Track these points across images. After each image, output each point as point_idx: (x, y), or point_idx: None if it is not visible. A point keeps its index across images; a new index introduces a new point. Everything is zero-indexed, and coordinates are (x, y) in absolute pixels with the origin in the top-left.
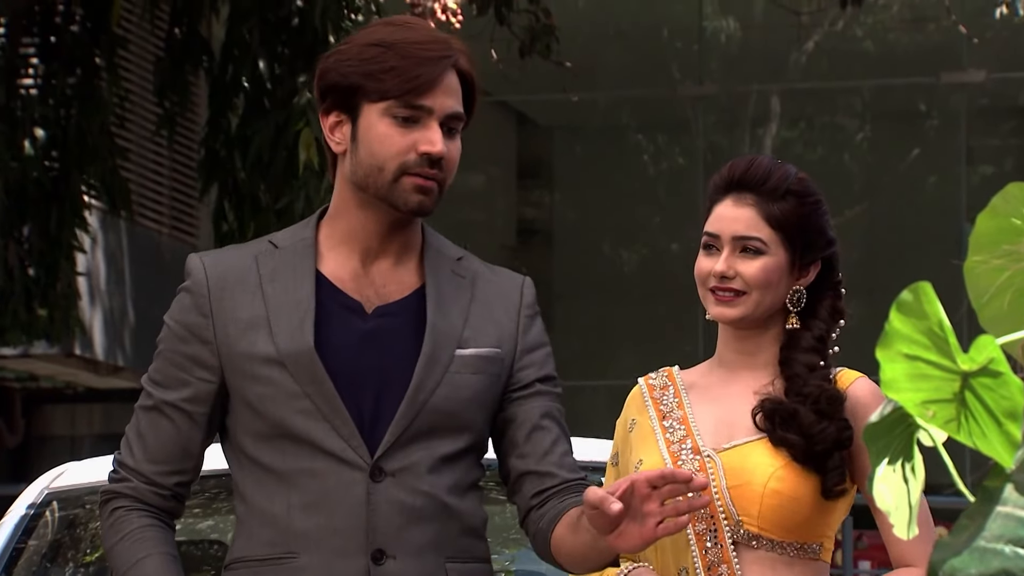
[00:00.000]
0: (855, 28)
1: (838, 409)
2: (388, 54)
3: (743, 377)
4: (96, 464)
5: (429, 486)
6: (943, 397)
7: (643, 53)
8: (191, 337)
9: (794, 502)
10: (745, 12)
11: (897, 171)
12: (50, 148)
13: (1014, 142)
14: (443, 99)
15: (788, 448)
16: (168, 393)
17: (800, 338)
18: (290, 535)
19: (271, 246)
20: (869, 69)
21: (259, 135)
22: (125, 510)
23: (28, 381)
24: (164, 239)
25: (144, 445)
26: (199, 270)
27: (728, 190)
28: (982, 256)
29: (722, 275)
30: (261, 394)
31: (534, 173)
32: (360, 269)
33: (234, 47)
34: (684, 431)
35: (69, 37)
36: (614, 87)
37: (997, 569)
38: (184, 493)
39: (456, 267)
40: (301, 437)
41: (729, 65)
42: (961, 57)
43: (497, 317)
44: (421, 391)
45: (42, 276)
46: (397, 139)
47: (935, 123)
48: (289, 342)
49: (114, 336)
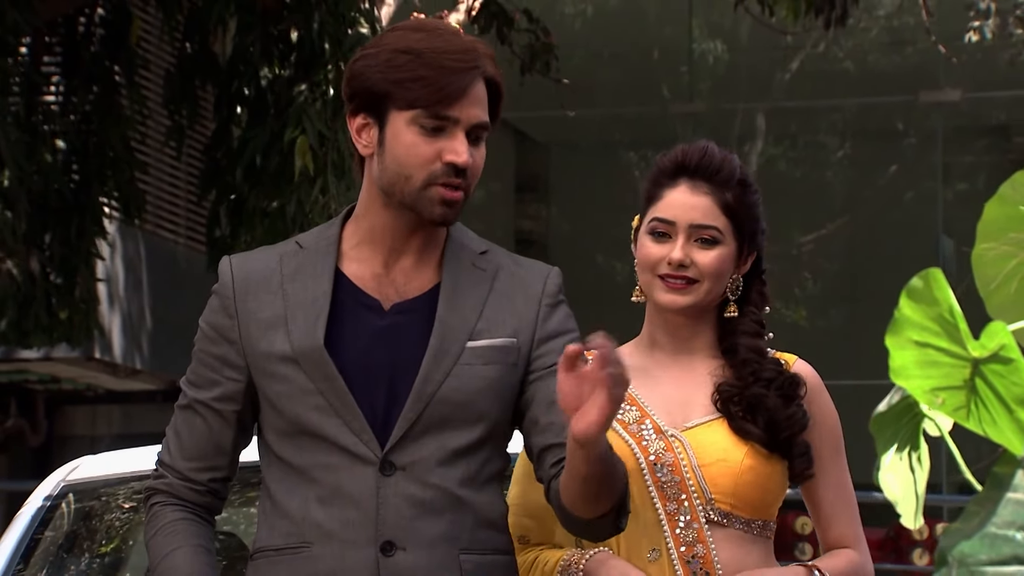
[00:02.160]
0: (836, 50)
1: (799, 392)
2: (417, 63)
3: (681, 360)
4: (111, 458)
5: (439, 479)
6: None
7: (635, 73)
8: (219, 338)
9: (767, 479)
10: (732, 35)
11: (876, 186)
12: (71, 160)
13: (987, 159)
14: (470, 109)
15: (751, 439)
16: (201, 392)
17: (739, 323)
18: (305, 526)
19: (297, 246)
20: (850, 89)
21: (254, 141)
22: (160, 505)
23: (50, 383)
24: (180, 248)
25: (180, 443)
26: (227, 272)
27: (678, 175)
28: (990, 244)
29: (679, 263)
30: (279, 391)
31: (532, 187)
32: (382, 268)
33: (240, 61)
34: (637, 412)
35: (89, 54)
36: (608, 105)
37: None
38: (220, 489)
39: (478, 260)
40: (316, 433)
41: (717, 85)
42: (938, 77)
43: (517, 308)
44: (428, 383)
45: (63, 282)
46: (424, 148)
47: (912, 141)
48: (302, 340)
49: (132, 340)
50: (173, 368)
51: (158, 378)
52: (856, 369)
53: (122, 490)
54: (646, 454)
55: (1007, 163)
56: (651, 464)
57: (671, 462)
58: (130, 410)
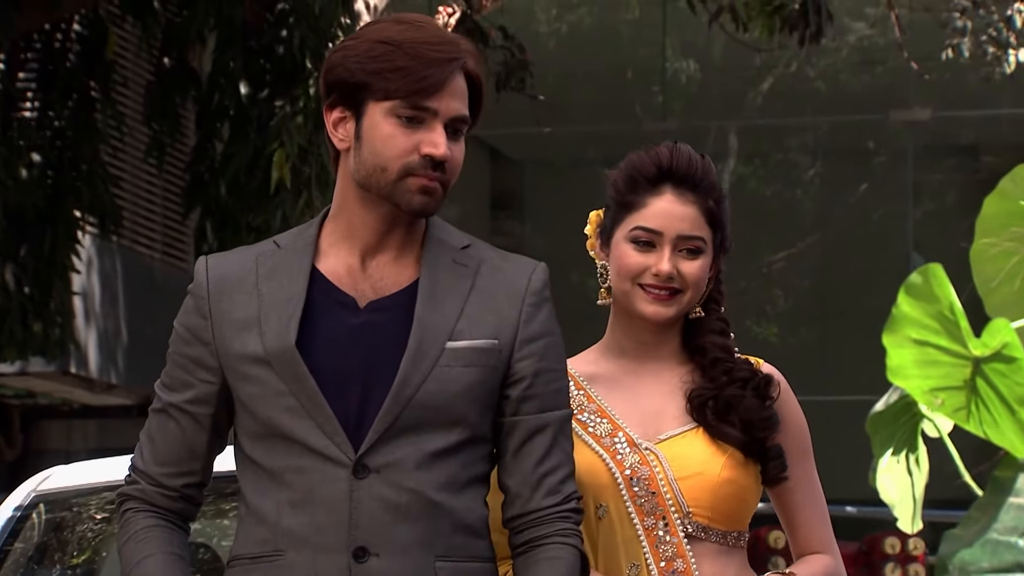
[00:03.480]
0: (808, 69)
1: (771, 393)
2: (396, 53)
3: (649, 367)
4: (83, 468)
5: (415, 483)
6: (953, 384)
7: (609, 92)
8: (193, 339)
9: (744, 490)
10: (704, 55)
11: (847, 204)
12: (46, 174)
13: (956, 178)
14: (449, 101)
15: (728, 441)
16: (174, 396)
17: (707, 323)
18: (278, 532)
19: (274, 246)
20: (821, 108)
21: (237, 156)
22: (133, 512)
23: (26, 398)
24: (156, 264)
25: (153, 448)
26: (202, 272)
27: (662, 181)
28: (990, 239)
29: (667, 275)
30: (252, 393)
31: (506, 204)
32: (358, 265)
33: (220, 76)
34: (609, 424)
35: (65, 68)
36: (582, 123)
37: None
38: (194, 495)
39: (459, 256)
40: (288, 435)
41: (689, 104)
42: (908, 96)
43: (498, 306)
44: (407, 386)
45: (37, 295)
46: (401, 139)
47: (883, 159)
48: (274, 340)
49: (108, 355)
50: (149, 383)
51: (133, 393)
52: (827, 386)
53: (94, 500)
54: (621, 468)
55: (975, 182)
56: (627, 479)
57: (647, 476)
58: (106, 425)
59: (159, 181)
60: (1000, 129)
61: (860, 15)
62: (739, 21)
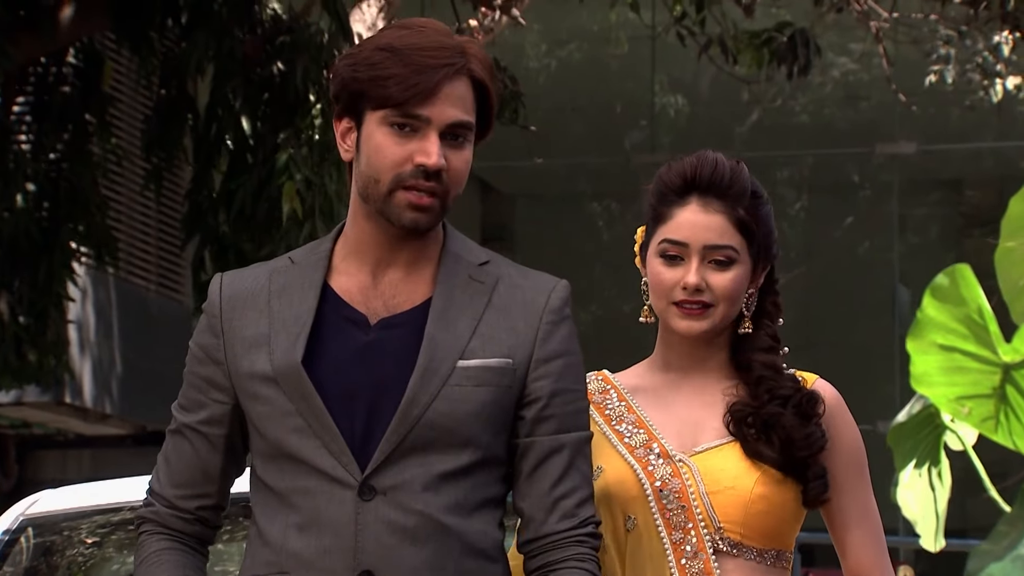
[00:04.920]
0: (794, 104)
1: (817, 411)
2: (392, 59)
3: (693, 379)
4: (72, 491)
5: (423, 505)
6: (981, 392)
7: (599, 126)
8: (206, 358)
9: (780, 508)
10: (692, 89)
11: (833, 237)
12: (41, 203)
13: (940, 212)
14: (443, 108)
15: (763, 460)
16: (188, 416)
17: (755, 338)
18: (284, 555)
19: (288, 262)
20: (807, 142)
21: (242, 188)
22: (148, 534)
23: (21, 427)
24: (151, 295)
25: (168, 469)
26: (215, 290)
27: (688, 192)
28: (1016, 241)
29: (695, 288)
30: (261, 413)
31: (497, 237)
32: (370, 281)
33: (218, 106)
34: (645, 435)
35: (61, 97)
36: (572, 156)
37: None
38: (210, 517)
39: (476, 273)
40: (295, 456)
41: (677, 137)
42: (893, 130)
43: (514, 324)
44: (415, 405)
45: (32, 324)
46: (393, 149)
47: (868, 193)
48: (281, 358)
49: (102, 386)
50: (143, 414)
51: (128, 423)
52: None
53: (84, 524)
54: (652, 480)
55: (959, 216)
56: (656, 491)
57: (678, 488)
58: (100, 454)
59: (154, 213)
60: (983, 163)
61: (845, 51)
62: (728, 53)
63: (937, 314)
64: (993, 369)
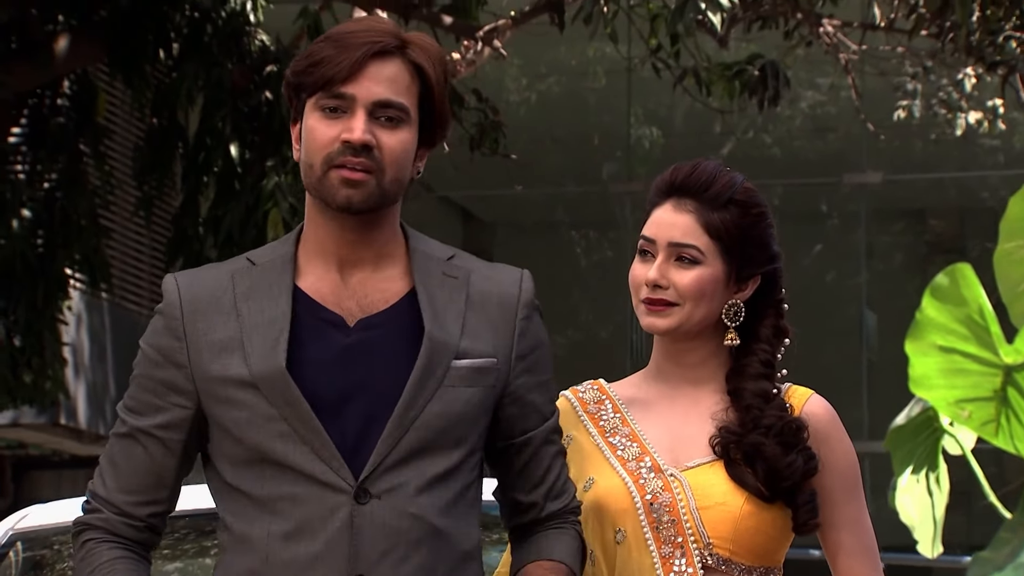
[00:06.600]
0: (764, 136)
1: (802, 438)
2: (323, 46)
3: (686, 392)
4: (62, 506)
5: (418, 508)
6: (981, 395)
7: (577, 156)
8: (165, 361)
9: (769, 525)
10: (666, 121)
11: (802, 265)
12: (36, 229)
13: (905, 240)
14: (368, 86)
15: (745, 487)
16: (142, 420)
17: (747, 365)
18: (269, 565)
19: (248, 263)
20: (776, 172)
21: (230, 215)
22: (96, 542)
23: (17, 448)
24: (143, 319)
25: (117, 474)
26: (172, 291)
27: (668, 194)
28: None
29: (655, 283)
30: (237, 418)
31: None
32: (339, 281)
33: (207, 135)
34: (638, 448)
35: (56, 127)
36: (550, 186)
37: None
38: (159, 524)
39: (447, 267)
40: (280, 462)
41: (653, 167)
42: (861, 161)
43: (492, 319)
44: (412, 407)
45: (27, 346)
46: (323, 131)
47: (835, 222)
48: (261, 363)
49: (96, 407)
50: None
51: None
52: None
53: None
54: (642, 493)
55: (924, 244)
56: (647, 504)
57: (668, 502)
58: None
59: (147, 239)
60: (946, 193)
61: (813, 84)
62: (702, 84)
63: (937, 315)
64: (994, 371)
